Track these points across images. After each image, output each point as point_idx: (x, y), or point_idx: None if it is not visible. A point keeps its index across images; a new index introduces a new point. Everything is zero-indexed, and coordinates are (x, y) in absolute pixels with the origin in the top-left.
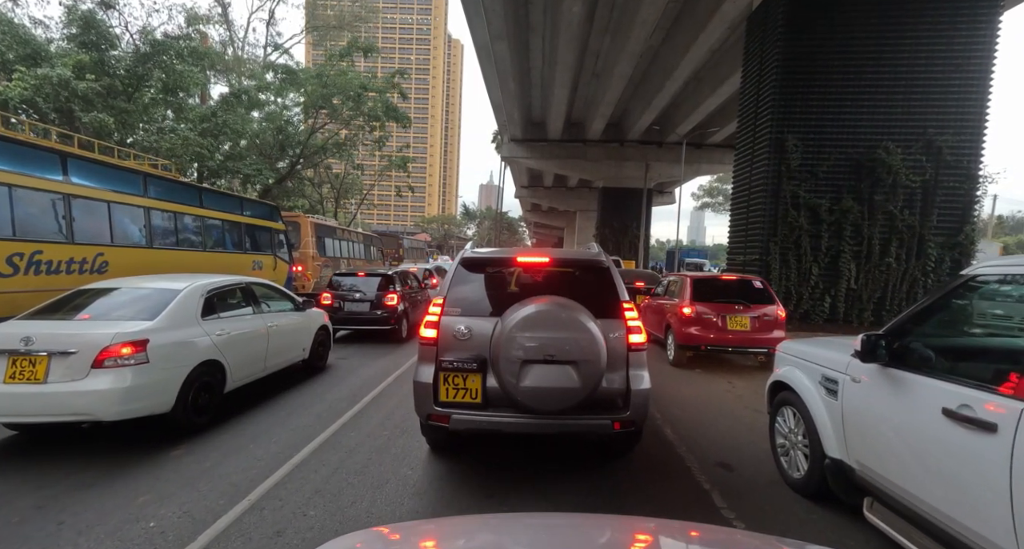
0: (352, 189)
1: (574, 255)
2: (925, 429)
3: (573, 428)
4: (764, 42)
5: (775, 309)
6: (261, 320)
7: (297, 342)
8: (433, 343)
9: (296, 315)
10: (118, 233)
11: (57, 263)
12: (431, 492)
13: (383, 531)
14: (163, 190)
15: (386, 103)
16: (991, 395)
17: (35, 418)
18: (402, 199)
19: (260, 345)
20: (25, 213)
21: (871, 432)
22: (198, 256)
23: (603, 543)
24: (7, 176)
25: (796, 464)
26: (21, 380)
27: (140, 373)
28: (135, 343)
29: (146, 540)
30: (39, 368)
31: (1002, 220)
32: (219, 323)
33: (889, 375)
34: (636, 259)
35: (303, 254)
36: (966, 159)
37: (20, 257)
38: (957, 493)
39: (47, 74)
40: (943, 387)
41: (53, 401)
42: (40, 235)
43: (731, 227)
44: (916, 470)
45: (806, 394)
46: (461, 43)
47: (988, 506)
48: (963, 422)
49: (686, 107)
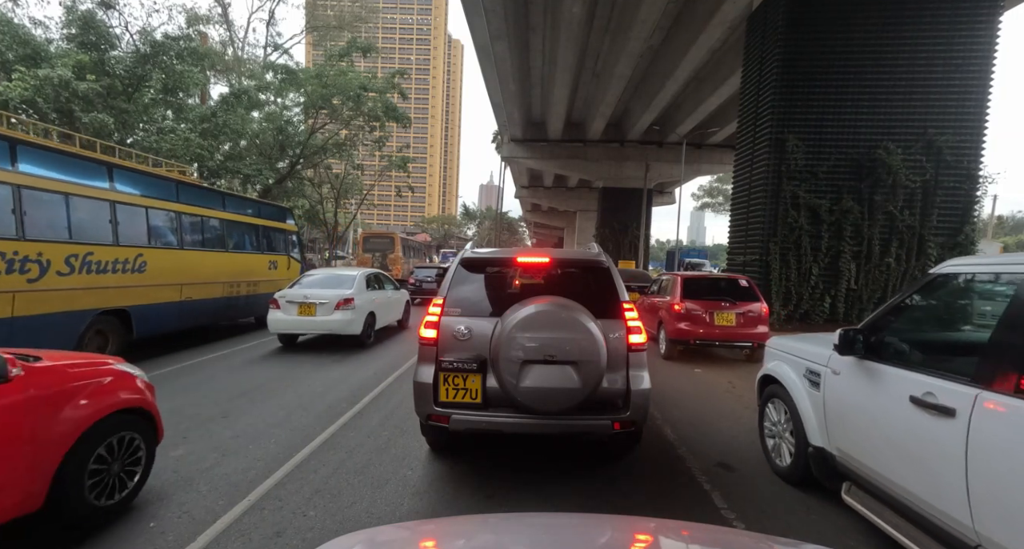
0: (352, 189)
1: (574, 255)
2: (895, 415)
3: (573, 428)
4: (764, 42)
5: (759, 306)
6: (384, 293)
7: (398, 308)
8: (433, 343)
9: (396, 292)
10: (155, 236)
11: (105, 263)
12: (431, 492)
13: (383, 531)
14: (192, 196)
15: (386, 103)
16: (951, 383)
17: (309, 332)
18: (402, 199)
19: (386, 306)
20: (78, 218)
21: (849, 420)
22: (222, 256)
23: (603, 543)
24: (64, 185)
25: (783, 454)
26: (304, 314)
27: (351, 313)
28: (348, 299)
29: (146, 540)
30: (312, 309)
31: (1002, 220)
32: (372, 293)
33: (865, 367)
34: (636, 259)
35: (396, 256)
36: (966, 159)
37: (75, 258)
38: (922, 473)
39: (47, 74)
40: (911, 377)
41: (318, 324)
42: (91, 238)
43: (731, 227)
44: (888, 454)
45: (792, 387)
46: (461, 43)
47: (947, 483)
48: (927, 408)
49: (686, 107)
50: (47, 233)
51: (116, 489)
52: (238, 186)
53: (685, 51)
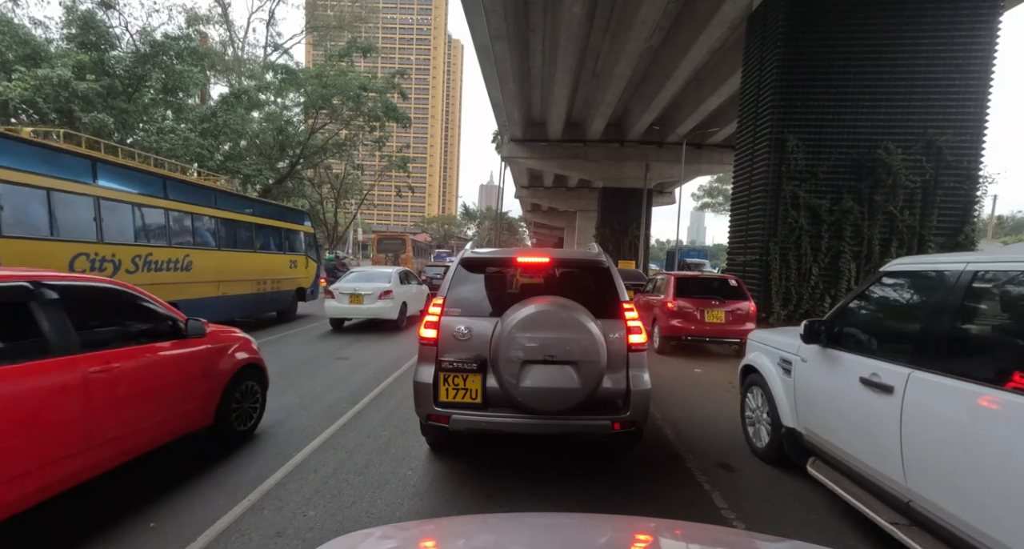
0: (352, 189)
1: (574, 255)
2: (849, 395)
3: (573, 429)
4: (764, 42)
5: (747, 304)
6: (411, 287)
7: (421, 299)
8: (433, 343)
9: (419, 286)
10: (198, 238)
11: (161, 262)
12: (431, 492)
13: (382, 531)
14: (227, 202)
15: (386, 103)
16: (891, 365)
17: (357, 317)
18: (402, 199)
19: (413, 297)
20: (141, 224)
21: (814, 402)
22: (252, 256)
23: (603, 543)
24: (131, 196)
25: (761, 436)
26: (354, 303)
27: (390, 302)
28: (388, 291)
29: (145, 541)
30: (360, 298)
31: (1002, 220)
32: (403, 287)
33: (827, 354)
34: (636, 259)
35: (407, 255)
36: (966, 159)
37: (140, 258)
38: (868, 443)
39: (47, 74)
40: (862, 361)
41: (364, 310)
42: (151, 241)
43: (731, 227)
44: (843, 429)
45: (768, 374)
46: (461, 43)
47: (887, 450)
48: (872, 387)
49: (686, 107)
50: (118, 237)
51: (247, 420)
52: (238, 186)
53: (685, 51)
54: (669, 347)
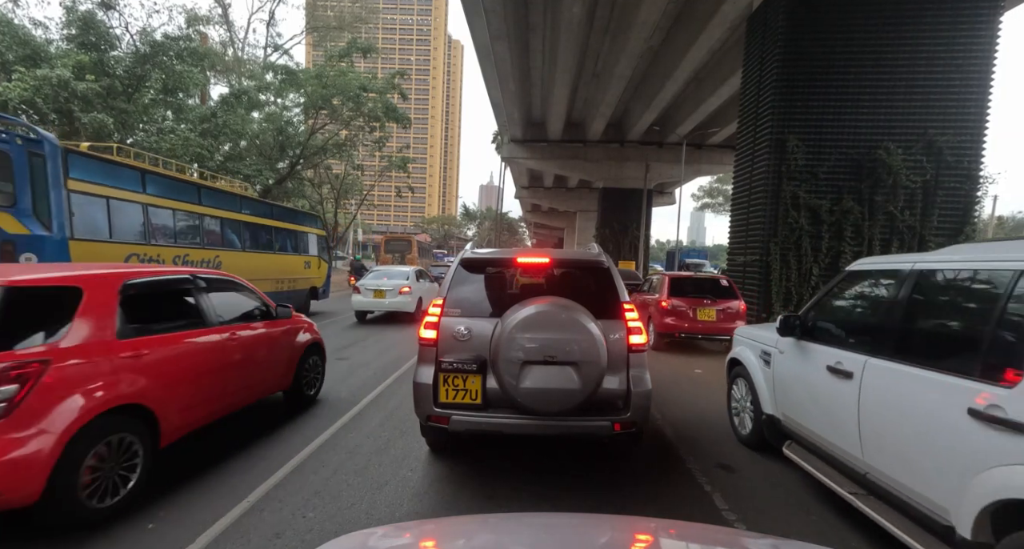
0: (352, 189)
1: (574, 256)
2: (817, 382)
3: (573, 429)
4: (764, 43)
5: (738, 303)
6: (425, 284)
7: (433, 295)
8: (433, 344)
9: (431, 283)
10: (226, 241)
11: (195, 262)
12: (431, 493)
13: (383, 532)
14: (251, 207)
15: (386, 104)
16: (852, 353)
17: (380, 310)
18: (402, 199)
19: (427, 293)
20: (180, 227)
21: (790, 389)
22: (272, 257)
23: (603, 543)
24: (173, 202)
25: (745, 424)
26: (378, 297)
27: (409, 297)
28: (406, 287)
29: (145, 542)
30: (383, 293)
31: (1002, 220)
32: (419, 284)
33: (800, 346)
34: (636, 260)
35: (413, 256)
36: (966, 159)
37: (179, 258)
38: (833, 423)
39: (47, 75)
40: (829, 351)
41: (386, 304)
42: (187, 242)
43: (731, 228)
44: (813, 412)
45: (751, 366)
46: (461, 43)
47: (847, 429)
48: (836, 373)
49: (686, 108)
50: (162, 239)
51: (312, 387)
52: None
53: (685, 51)
54: (663, 344)
